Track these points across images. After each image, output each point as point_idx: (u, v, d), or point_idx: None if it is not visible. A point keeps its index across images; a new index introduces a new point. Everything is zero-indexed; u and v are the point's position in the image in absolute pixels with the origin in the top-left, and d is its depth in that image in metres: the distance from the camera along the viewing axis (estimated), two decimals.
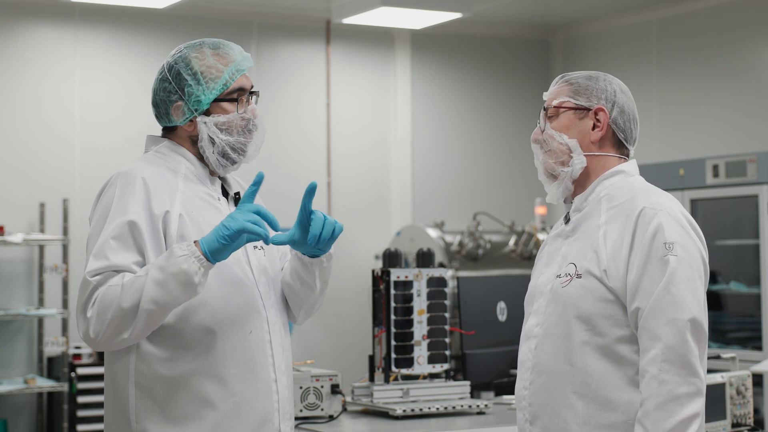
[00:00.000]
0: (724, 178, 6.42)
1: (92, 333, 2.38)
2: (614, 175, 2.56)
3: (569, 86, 2.60)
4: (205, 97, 2.54)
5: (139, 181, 2.47)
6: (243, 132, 2.57)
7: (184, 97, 2.54)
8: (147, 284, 2.35)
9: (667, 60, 7.88)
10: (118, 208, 2.45)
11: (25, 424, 7.11)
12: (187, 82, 2.54)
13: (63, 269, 6.97)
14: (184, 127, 2.58)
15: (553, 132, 2.59)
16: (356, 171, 8.19)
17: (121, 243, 2.42)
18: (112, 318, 2.36)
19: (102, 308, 2.36)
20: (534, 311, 2.58)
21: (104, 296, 2.37)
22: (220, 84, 2.55)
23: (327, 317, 7.78)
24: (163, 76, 2.59)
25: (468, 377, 4.03)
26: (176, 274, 2.35)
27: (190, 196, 2.53)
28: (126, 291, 2.36)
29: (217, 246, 2.38)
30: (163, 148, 2.60)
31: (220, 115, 2.55)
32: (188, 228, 2.48)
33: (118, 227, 2.43)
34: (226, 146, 2.55)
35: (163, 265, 2.36)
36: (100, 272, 2.40)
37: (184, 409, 2.45)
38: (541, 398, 2.50)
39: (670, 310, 2.35)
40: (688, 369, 2.34)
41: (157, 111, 2.61)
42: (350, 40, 8.17)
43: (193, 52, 2.58)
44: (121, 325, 2.37)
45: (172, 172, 2.55)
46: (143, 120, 7.27)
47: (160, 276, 2.35)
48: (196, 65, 2.55)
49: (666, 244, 2.39)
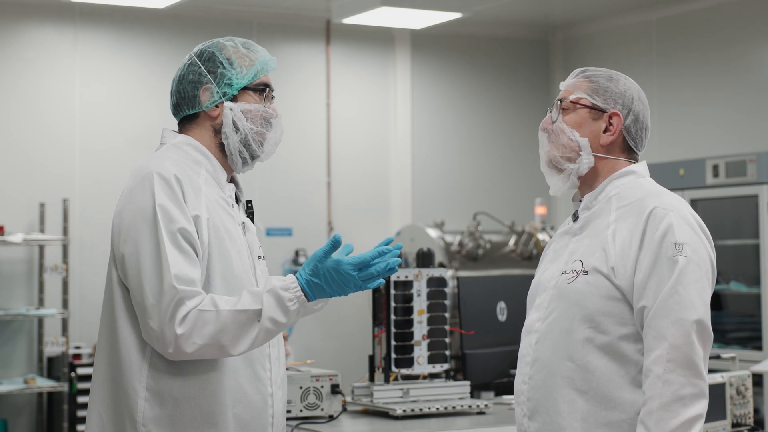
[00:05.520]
0: (724, 178, 6.42)
1: (184, 348, 2.36)
2: (625, 175, 2.56)
3: (589, 83, 2.58)
4: (237, 82, 2.56)
5: (174, 181, 2.43)
6: (265, 125, 2.59)
7: (215, 80, 2.55)
8: (260, 334, 2.39)
9: (667, 60, 7.88)
10: (167, 214, 2.40)
11: (25, 424, 7.12)
12: (222, 65, 2.56)
13: (63, 269, 6.97)
14: (208, 113, 2.57)
15: (564, 126, 2.57)
16: (356, 171, 8.19)
17: (183, 253, 2.39)
18: (203, 345, 2.36)
19: (193, 330, 2.35)
20: (536, 306, 2.57)
21: (198, 320, 2.36)
22: (252, 72, 2.57)
23: (327, 317, 7.78)
24: (192, 62, 2.60)
25: (468, 377, 4.03)
26: (285, 326, 2.43)
27: (210, 200, 2.51)
28: (228, 324, 2.37)
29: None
30: (182, 144, 2.57)
31: (246, 102, 2.57)
32: (212, 234, 2.46)
33: (175, 235, 2.39)
34: (249, 134, 2.56)
35: (277, 320, 2.40)
36: (183, 283, 2.37)
37: (192, 418, 2.44)
38: (541, 393, 2.50)
39: (677, 310, 2.35)
40: (693, 370, 2.34)
41: (179, 97, 2.59)
42: (350, 40, 8.17)
43: (227, 42, 2.61)
44: (211, 352, 2.39)
45: (194, 171, 2.52)
46: (143, 120, 7.29)
47: (273, 328, 2.41)
48: (231, 51, 2.58)
49: (676, 244, 2.39)
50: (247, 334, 2.38)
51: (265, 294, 2.40)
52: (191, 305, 2.35)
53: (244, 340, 2.38)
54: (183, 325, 2.34)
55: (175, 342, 2.35)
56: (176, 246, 2.38)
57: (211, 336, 2.35)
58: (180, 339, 2.34)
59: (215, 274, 2.46)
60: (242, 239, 2.56)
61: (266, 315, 2.38)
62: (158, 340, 2.37)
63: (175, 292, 2.35)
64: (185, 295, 2.35)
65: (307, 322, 7.68)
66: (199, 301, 2.36)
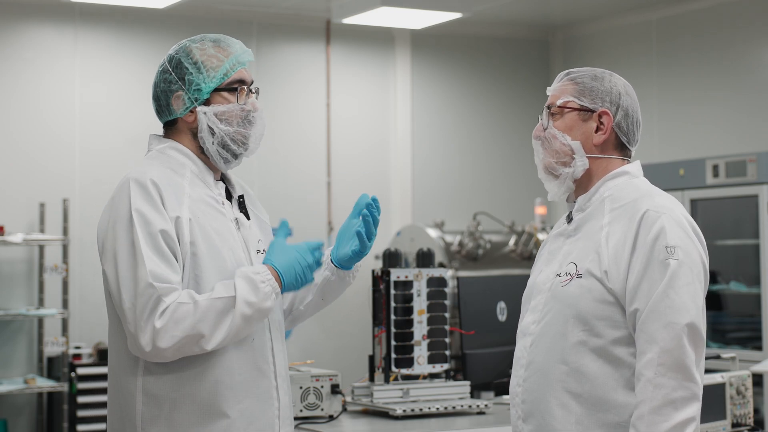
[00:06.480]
0: (724, 178, 6.42)
1: (160, 343, 2.36)
2: (619, 176, 2.55)
3: (574, 85, 2.57)
4: (206, 86, 2.55)
5: (150, 185, 2.44)
6: (243, 123, 2.57)
7: (185, 86, 2.55)
8: (235, 319, 2.40)
9: (667, 60, 7.88)
10: (143, 217, 2.41)
11: (25, 424, 7.12)
12: (188, 71, 2.55)
13: (63, 269, 6.97)
14: (184, 119, 2.57)
15: (556, 132, 2.57)
16: (356, 171, 8.19)
17: (160, 254, 2.40)
18: (181, 337, 2.37)
19: (171, 323, 2.36)
20: (531, 308, 2.57)
21: (176, 312, 2.37)
22: (220, 73, 2.55)
23: (327, 317, 7.77)
24: (164, 68, 2.60)
25: (468, 377, 4.03)
26: (262, 311, 2.44)
27: (195, 200, 2.51)
28: (205, 314, 2.38)
29: (296, 288, 2.56)
30: (166, 149, 2.58)
31: (219, 105, 2.55)
32: (196, 234, 2.47)
33: (152, 237, 2.40)
34: (225, 136, 2.55)
35: (252, 301, 2.42)
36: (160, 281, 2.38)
37: (191, 418, 2.44)
38: (535, 396, 2.50)
39: (668, 313, 2.34)
40: (684, 373, 2.33)
41: (157, 104, 2.60)
42: (350, 40, 8.17)
43: (194, 44, 2.59)
44: (188, 346, 2.39)
45: (178, 174, 2.53)
46: (143, 120, 7.29)
47: (248, 311, 2.42)
48: (197, 55, 2.57)
49: (668, 247, 2.38)
50: (223, 322, 2.39)
51: (237, 279, 2.43)
52: (169, 300, 2.37)
53: (221, 329, 2.39)
54: (161, 319, 2.36)
55: (153, 338, 2.35)
56: (153, 248, 2.39)
57: (191, 327, 2.36)
58: (158, 333, 2.35)
59: (207, 272, 2.46)
60: (236, 235, 2.56)
61: (240, 298, 2.40)
62: (134, 341, 2.38)
63: (153, 291, 2.36)
64: (163, 292, 2.37)
65: (307, 321, 7.67)
66: (176, 296, 2.38)
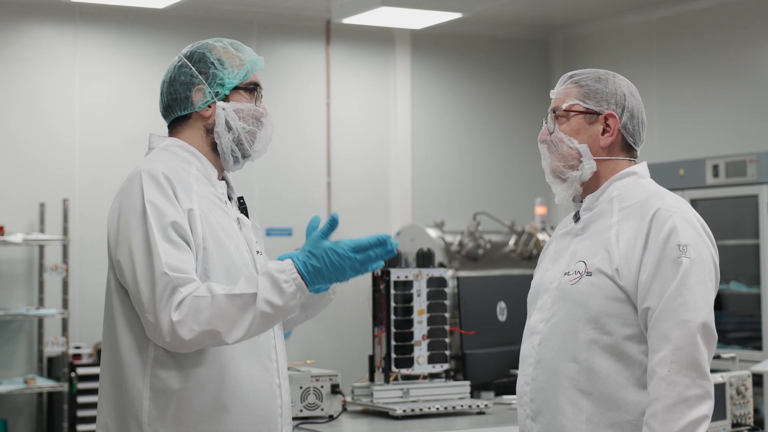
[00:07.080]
0: (724, 178, 6.42)
1: (180, 334, 2.34)
2: (627, 176, 2.56)
3: (578, 88, 2.57)
4: (229, 81, 2.58)
5: (162, 178, 2.44)
6: (256, 124, 2.61)
7: (207, 80, 2.57)
8: (256, 318, 2.35)
9: (667, 60, 7.88)
10: (156, 208, 2.41)
11: (25, 424, 7.12)
12: (213, 65, 2.58)
13: (63, 269, 6.97)
14: (201, 113, 2.58)
15: (562, 135, 2.57)
16: (356, 171, 8.19)
17: (174, 245, 2.39)
18: (201, 331, 2.34)
19: (189, 317, 2.34)
20: (538, 308, 2.57)
21: (193, 305, 2.34)
22: (243, 71, 2.59)
23: (327, 317, 7.77)
24: (183, 63, 2.60)
25: (468, 377, 4.03)
26: (285, 310, 2.38)
27: (202, 197, 2.52)
28: (224, 309, 2.34)
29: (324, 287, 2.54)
30: (170, 146, 2.58)
31: (238, 102, 2.58)
32: (206, 229, 2.47)
33: (165, 228, 2.39)
34: (242, 133, 2.58)
35: (272, 301, 2.36)
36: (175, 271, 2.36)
37: (197, 414, 2.44)
38: (544, 394, 2.50)
39: (681, 312, 2.35)
40: (698, 371, 2.34)
41: (171, 99, 2.60)
42: (350, 40, 8.17)
43: (216, 43, 2.63)
44: (208, 340, 2.37)
45: (185, 171, 2.54)
46: (143, 120, 7.30)
47: (269, 311, 2.36)
48: (221, 52, 2.60)
49: (680, 245, 2.39)
50: (243, 319, 2.36)
51: (261, 277, 2.39)
52: (186, 292, 2.35)
53: (240, 326, 2.36)
54: (179, 312, 2.34)
55: (172, 330, 2.33)
56: (167, 239, 2.38)
57: (208, 321, 2.34)
58: (176, 326, 2.33)
59: (215, 268, 2.46)
60: (239, 234, 2.57)
61: (261, 297, 2.36)
62: (155, 330, 2.36)
63: (168, 280, 2.34)
64: (179, 282, 2.35)
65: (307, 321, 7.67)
66: (194, 288, 2.36)
